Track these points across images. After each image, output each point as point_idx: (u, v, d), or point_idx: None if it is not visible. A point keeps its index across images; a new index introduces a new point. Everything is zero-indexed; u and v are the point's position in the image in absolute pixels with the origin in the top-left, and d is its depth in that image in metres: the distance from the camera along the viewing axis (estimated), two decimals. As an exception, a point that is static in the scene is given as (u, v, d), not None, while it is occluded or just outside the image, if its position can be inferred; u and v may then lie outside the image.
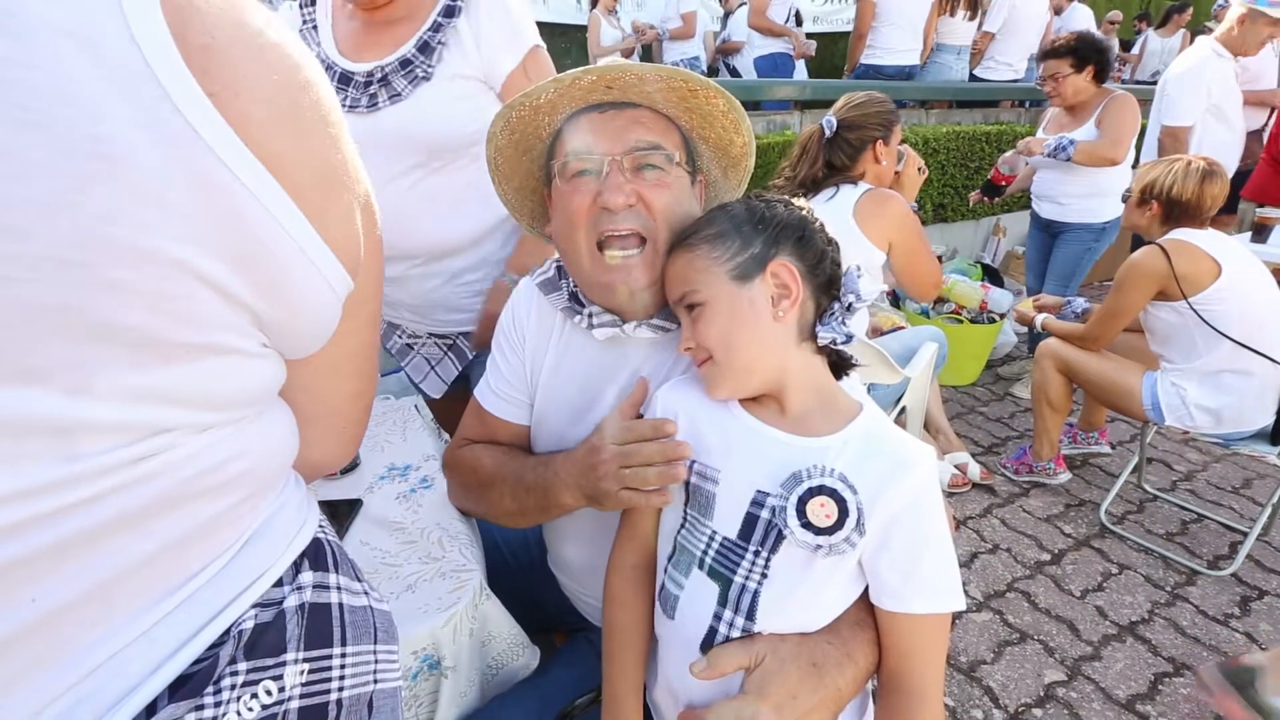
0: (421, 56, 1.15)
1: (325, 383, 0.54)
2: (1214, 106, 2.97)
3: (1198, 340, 1.92)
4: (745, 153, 0.87)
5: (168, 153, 0.36)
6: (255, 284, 0.42)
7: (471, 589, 0.88)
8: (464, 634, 0.86)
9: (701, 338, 0.72)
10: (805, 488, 0.65)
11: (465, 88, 1.18)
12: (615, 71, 0.75)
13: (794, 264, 0.71)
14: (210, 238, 0.39)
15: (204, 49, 0.38)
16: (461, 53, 1.15)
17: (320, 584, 0.52)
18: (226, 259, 0.40)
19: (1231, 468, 2.59)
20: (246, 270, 0.41)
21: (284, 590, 0.49)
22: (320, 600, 0.51)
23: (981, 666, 1.72)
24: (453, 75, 1.16)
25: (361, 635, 0.54)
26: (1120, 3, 8.06)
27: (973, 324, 3.16)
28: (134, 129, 0.35)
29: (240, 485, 0.47)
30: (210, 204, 0.38)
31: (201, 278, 0.39)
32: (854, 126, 1.87)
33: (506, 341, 0.98)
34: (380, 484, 1.14)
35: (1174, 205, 1.94)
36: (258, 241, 0.41)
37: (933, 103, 4.60)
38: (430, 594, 0.87)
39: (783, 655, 0.67)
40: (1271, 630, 1.81)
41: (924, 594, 0.66)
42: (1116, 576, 2.03)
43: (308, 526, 0.54)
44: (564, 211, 0.82)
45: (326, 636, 0.51)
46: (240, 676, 0.45)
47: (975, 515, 2.34)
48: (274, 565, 0.49)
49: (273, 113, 0.41)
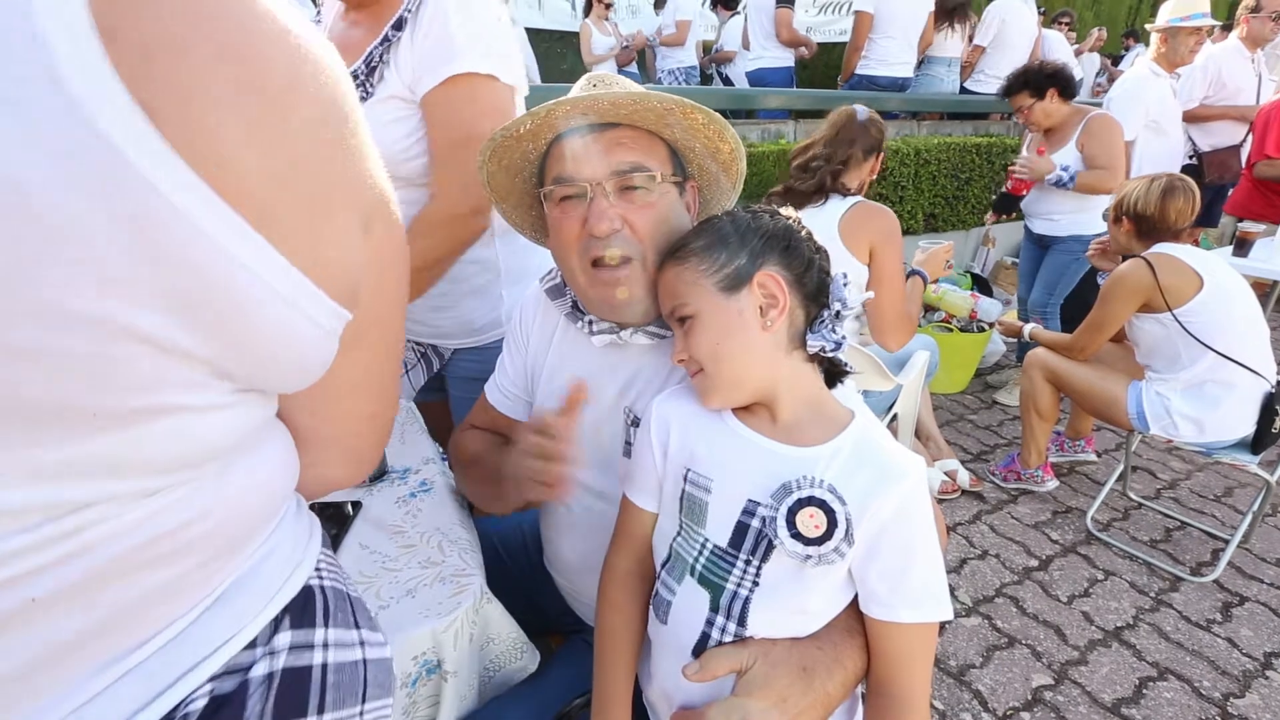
0: (365, 74, 1.10)
1: (332, 408, 0.49)
2: (1152, 122, 3.31)
3: (1181, 351, 1.96)
4: (735, 157, 0.89)
5: (82, 185, 0.29)
6: (206, 332, 0.35)
7: (472, 594, 0.89)
8: (464, 639, 0.87)
9: (692, 349, 0.73)
10: (795, 498, 0.67)
11: (398, 109, 1.12)
12: (588, 100, 0.77)
13: (780, 274, 0.72)
14: (141, 285, 0.31)
15: (141, 46, 0.30)
16: (397, 71, 1.09)
17: (302, 644, 0.46)
18: (163, 309, 0.32)
19: (1214, 476, 2.63)
20: (192, 318, 0.34)
21: (255, 653, 0.43)
22: (297, 664, 0.45)
23: (970, 670, 1.74)
24: (388, 96, 1.11)
25: (346, 698, 0.48)
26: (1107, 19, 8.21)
27: (963, 333, 3.21)
28: (36, 159, 0.28)
29: (202, 548, 0.40)
30: (140, 245, 0.31)
31: (130, 333, 0.32)
32: (879, 128, 1.93)
33: (513, 342, 1.05)
34: (380, 487, 1.15)
35: (1141, 220, 2.01)
36: (205, 283, 0.33)
37: (924, 114, 4.66)
38: (430, 599, 0.88)
39: (774, 659, 0.69)
40: (1252, 635, 1.85)
41: (911, 604, 0.68)
42: (1102, 582, 2.07)
43: (299, 573, 0.47)
44: (556, 236, 0.86)
45: (301, 706, 0.44)
46: None
47: (964, 521, 2.37)
48: (246, 626, 0.43)
49: (237, 122, 0.33)
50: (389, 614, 0.85)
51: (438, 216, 1.15)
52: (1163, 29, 3.19)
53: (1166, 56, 3.23)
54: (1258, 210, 3.45)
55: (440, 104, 1.09)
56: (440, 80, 1.07)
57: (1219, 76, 3.64)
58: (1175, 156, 3.50)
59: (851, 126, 1.91)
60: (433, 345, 1.45)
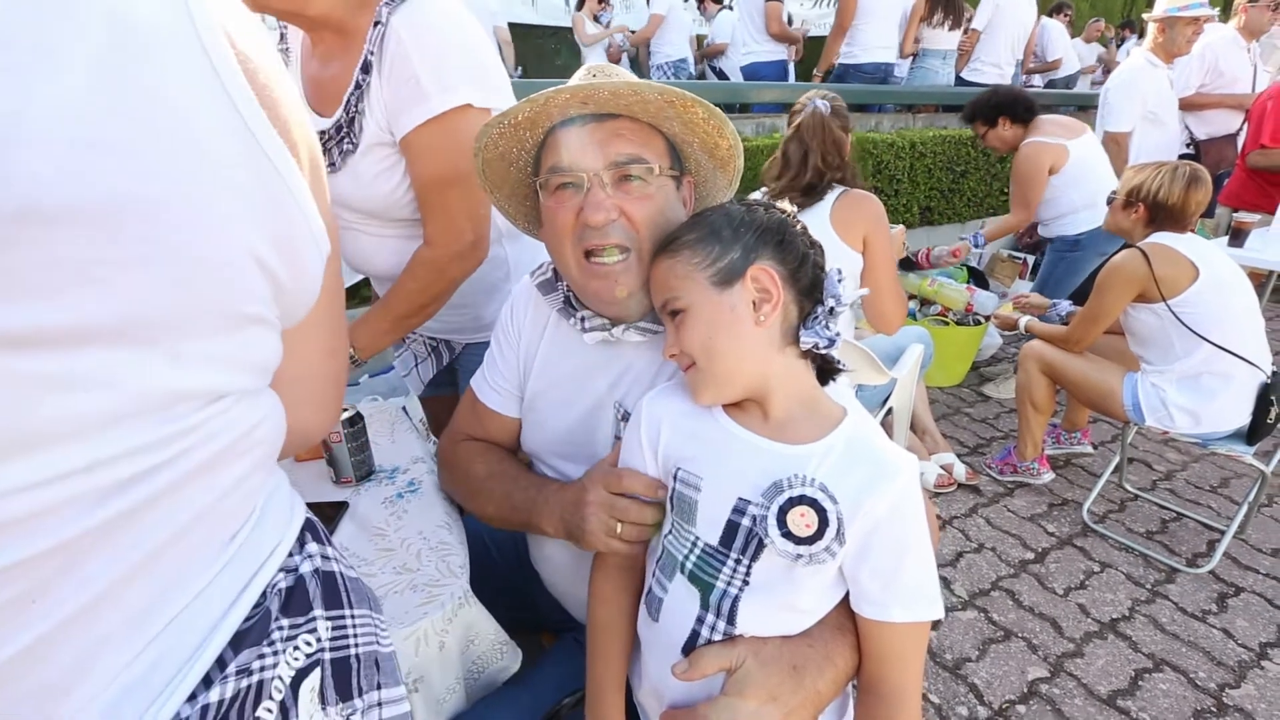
0: (347, 125, 1.10)
1: (300, 345, 0.56)
2: (1150, 113, 3.29)
3: (1175, 342, 1.96)
4: (732, 154, 0.87)
5: (234, 144, 0.41)
6: (287, 261, 0.47)
7: (441, 604, 0.87)
8: (432, 647, 0.85)
9: (684, 344, 0.72)
10: (786, 497, 0.66)
11: (384, 158, 1.12)
12: (588, 89, 0.75)
13: (774, 268, 0.71)
14: (265, 222, 0.44)
15: (249, 68, 0.43)
16: (374, 117, 1.08)
17: (324, 554, 0.58)
18: (271, 240, 0.45)
19: (1209, 467, 2.63)
20: (282, 249, 0.46)
21: (297, 559, 0.54)
22: (327, 568, 0.57)
23: (966, 664, 1.74)
24: (371, 144, 1.10)
25: (361, 600, 0.60)
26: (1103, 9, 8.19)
27: (958, 326, 3.20)
28: (215, 127, 0.40)
29: (259, 452, 0.51)
30: (263, 190, 0.44)
31: (257, 257, 0.44)
32: (842, 114, 1.87)
33: (504, 336, 1.02)
34: (367, 487, 1.14)
35: (1160, 209, 1.97)
36: (289, 221, 0.47)
37: (919, 107, 4.65)
38: (398, 607, 0.86)
39: (764, 658, 0.68)
40: (1248, 626, 1.85)
41: (903, 603, 0.67)
42: (1098, 574, 2.07)
43: (299, 507, 0.59)
44: (550, 225, 0.84)
45: (338, 599, 0.56)
46: (284, 631, 0.50)
47: (961, 515, 2.36)
48: (285, 536, 0.54)
49: (286, 96, 0.46)
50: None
51: (430, 259, 1.15)
52: (1161, 18, 3.17)
53: (1164, 46, 3.21)
54: (1252, 200, 3.45)
55: (417, 146, 1.08)
56: (414, 125, 1.05)
57: (1215, 65, 3.63)
58: (1173, 147, 3.50)
59: (825, 123, 1.84)
60: (445, 340, 1.46)
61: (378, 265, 1.27)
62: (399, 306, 1.19)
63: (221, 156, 0.41)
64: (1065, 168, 2.78)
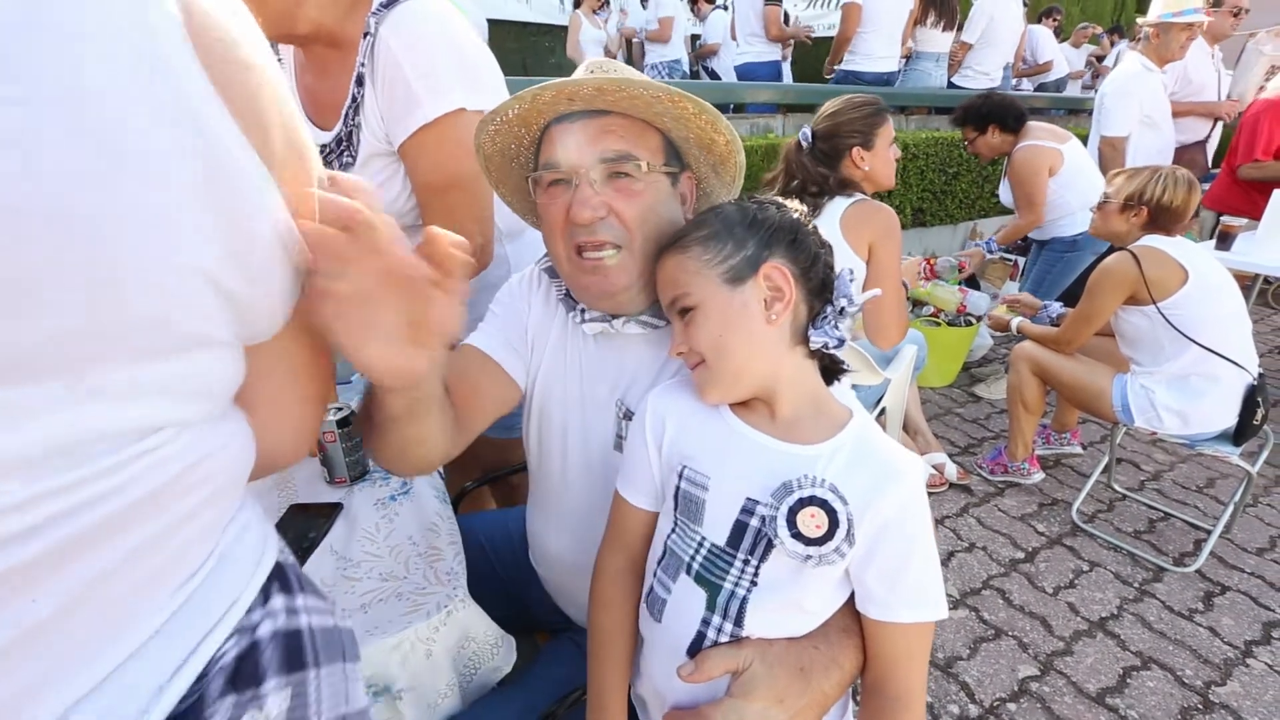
0: (346, 139, 1.11)
1: (274, 362, 0.50)
2: (1146, 117, 3.30)
3: (1164, 344, 1.98)
4: (731, 150, 0.86)
5: (173, 130, 0.35)
6: (243, 267, 0.41)
7: (427, 612, 0.85)
8: (418, 655, 0.84)
9: (694, 341, 0.72)
10: (796, 498, 0.65)
11: (383, 168, 1.13)
12: (572, 86, 0.75)
13: (787, 266, 0.70)
14: (215, 225, 0.38)
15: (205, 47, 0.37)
16: (370, 128, 1.09)
17: (290, 608, 0.51)
18: (222, 244, 0.39)
19: (1196, 468, 2.67)
20: (238, 255, 0.40)
21: (257, 616, 0.47)
22: (292, 626, 0.50)
23: (958, 662, 1.75)
24: (369, 155, 1.11)
25: (333, 654, 0.53)
26: (1093, 14, 8.27)
27: (950, 326, 3.22)
28: (145, 107, 0.34)
29: (210, 482, 0.44)
30: (211, 186, 0.37)
31: (200, 268, 0.38)
32: (828, 137, 1.86)
33: (511, 305, 0.98)
34: (361, 486, 1.13)
35: (1163, 212, 1.99)
36: (247, 220, 0.40)
37: (912, 109, 4.67)
38: (381, 615, 0.85)
39: (770, 660, 0.68)
40: (1233, 624, 1.88)
41: (909, 604, 0.67)
42: (1087, 574, 2.09)
43: (270, 549, 0.52)
44: (544, 221, 0.84)
45: (301, 660, 0.50)
46: (227, 712, 0.42)
47: (952, 514, 2.38)
48: (246, 590, 0.47)
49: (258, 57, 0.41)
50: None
51: None
52: (1155, 24, 3.18)
53: (1157, 51, 3.22)
54: (1236, 206, 3.49)
55: (414, 153, 1.08)
56: (410, 133, 1.06)
57: (1185, 73, 3.65)
58: (1167, 151, 3.51)
59: (794, 156, 1.87)
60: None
61: None
62: None
63: (153, 145, 0.34)
64: (1062, 170, 2.82)
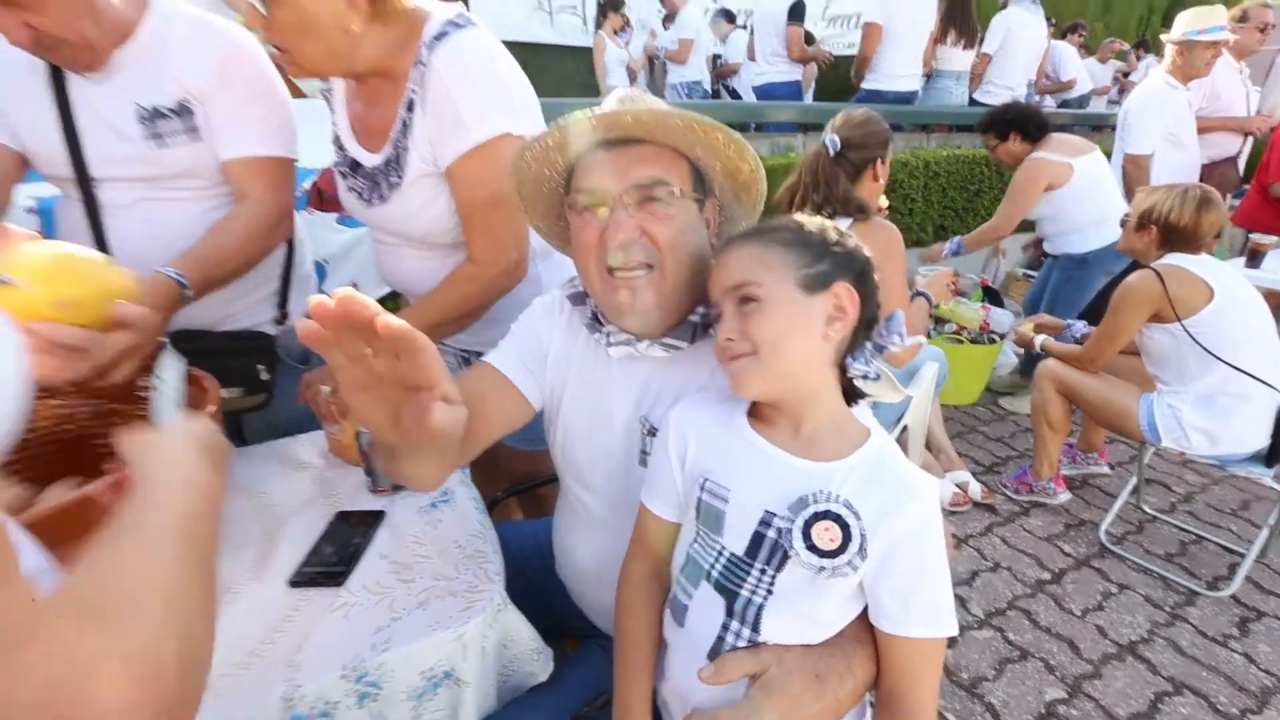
0: (395, 161, 1.18)
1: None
2: (1170, 135, 3.27)
3: (1190, 362, 1.96)
4: (754, 178, 0.90)
5: None
6: None
7: (482, 608, 0.90)
8: (475, 651, 0.88)
9: (753, 331, 0.73)
10: (811, 512, 0.69)
11: (429, 189, 1.19)
12: (610, 117, 0.80)
13: (855, 292, 0.74)
14: None
15: None
16: (419, 151, 1.16)
17: None
18: None
19: (1229, 490, 2.61)
20: None
21: None
22: None
23: (983, 683, 1.74)
24: (416, 177, 1.17)
25: None
26: (1118, 29, 8.21)
27: (973, 344, 3.21)
28: None
29: None
30: None
31: None
32: (857, 146, 1.85)
33: (532, 329, 1.02)
34: (403, 495, 1.18)
35: (1172, 231, 1.99)
36: None
37: (933, 126, 4.68)
38: (441, 612, 0.90)
39: (788, 665, 0.71)
40: (1270, 651, 1.83)
41: (922, 620, 0.70)
42: (1116, 596, 2.06)
43: None
44: (577, 243, 0.88)
45: None
46: None
47: (976, 534, 2.36)
48: None
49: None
50: (401, 624, 0.87)
51: (475, 275, 1.22)
52: (1179, 41, 3.17)
53: (1182, 69, 3.20)
54: (1266, 223, 3.43)
55: (460, 174, 1.15)
56: (457, 156, 1.13)
57: (1213, 88, 3.62)
58: (1193, 169, 3.48)
59: (826, 165, 1.86)
60: (477, 352, 1.51)
61: (417, 284, 1.33)
62: (434, 315, 1.25)
63: None
64: (1069, 182, 2.79)
